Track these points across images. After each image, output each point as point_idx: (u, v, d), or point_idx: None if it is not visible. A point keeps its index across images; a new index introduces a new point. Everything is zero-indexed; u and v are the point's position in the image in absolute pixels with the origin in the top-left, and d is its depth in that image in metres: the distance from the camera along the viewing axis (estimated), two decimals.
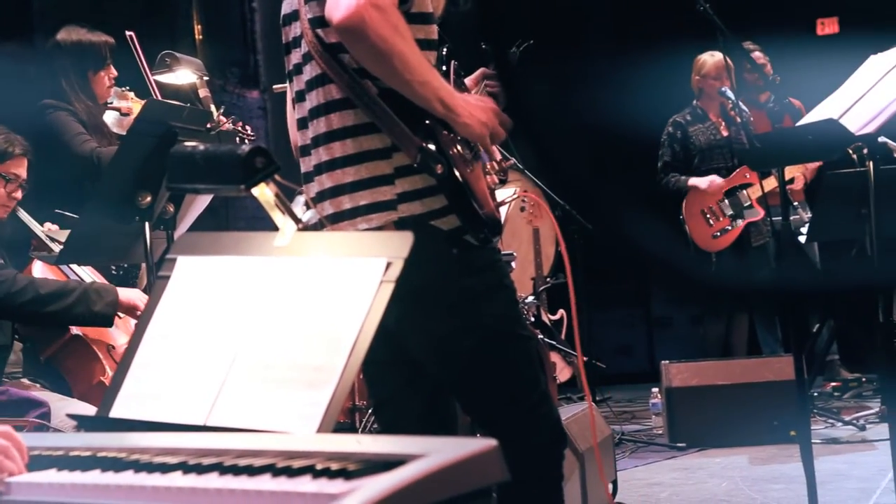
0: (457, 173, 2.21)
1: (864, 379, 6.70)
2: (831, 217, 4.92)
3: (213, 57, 6.93)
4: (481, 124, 2.28)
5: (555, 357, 6.87)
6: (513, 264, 5.89)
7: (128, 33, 4.22)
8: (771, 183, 5.74)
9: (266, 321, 1.58)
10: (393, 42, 2.10)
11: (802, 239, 6.11)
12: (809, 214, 6.06)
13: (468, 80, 2.51)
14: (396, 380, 2.43)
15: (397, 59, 2.12)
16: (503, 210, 5.38)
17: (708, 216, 6.37)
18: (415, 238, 2.17)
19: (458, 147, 2.27)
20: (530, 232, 7.14)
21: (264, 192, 1.64)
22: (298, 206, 1.69)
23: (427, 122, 2.20)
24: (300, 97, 2.35)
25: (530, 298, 5.99)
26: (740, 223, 6.33)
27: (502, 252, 5.83)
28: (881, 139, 4.84)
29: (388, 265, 1.56)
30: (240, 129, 3.97)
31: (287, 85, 2.45)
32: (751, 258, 6.33)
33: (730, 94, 6.13)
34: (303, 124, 2.35)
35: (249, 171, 1.59)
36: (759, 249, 6.36)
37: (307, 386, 1.50)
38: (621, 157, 7.51)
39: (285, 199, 1.67)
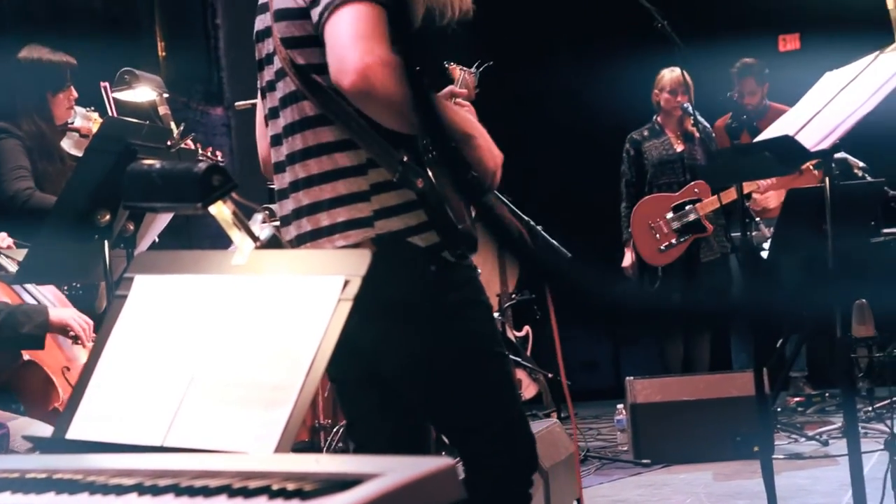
0: (436, 188, 2.22)
1: (827, 394, 6.76)
2: (793, 233, 4.97)
3: (176, 73, 6.92)
4: (494, 158, 2.31)
5: (520, 374, 6.88)
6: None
7: (102, 84, 4.20)
8: (728, 196, 5.81)
9: (223, 340, 1.58)
10: (403, 97, 2.12)
11: (764, 255, 6.17)
12: (771, 230, 6.13)
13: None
14: (369, 399, 2.43)
15: (412, 113, 2.15)
16: None
17: (654, 230, 6.44)
18: (392, 255, 2.20)
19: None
20: (495, 247, 7.16)
21: (221, 210, 1.64)
22: (256, 223, 1.69)
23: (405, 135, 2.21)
24: (273, 114, 2.36)
25: (495, 315, 5.99)
26: (687, 239, 6.41)
27: None
28: (840, 154, 4.94)
29: (346, 283, 1.56)
30: (201, 151, 3.96)
31: (256, 101, 2.46)
32: (700, 274, 6.40)
33: (689, 108, 6.21)
34: (276, 141, 2.35)
35: (206, 189, 1.59)
36: (709, 265, 6.43)
37: (265, 405, 1.50)
38: (585, 171, 7.54)
39: (243, 216, 1.67)
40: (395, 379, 2.34)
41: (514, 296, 7.27)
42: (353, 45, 2.09)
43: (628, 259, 6.58)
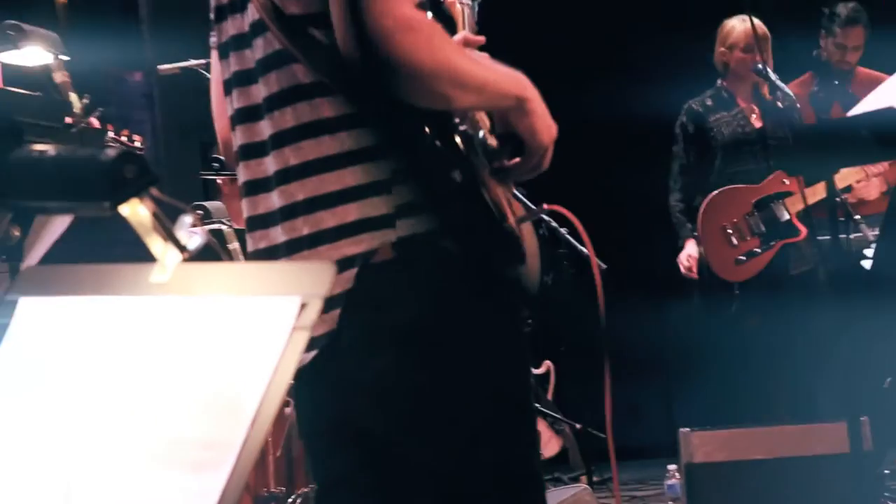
0: (477, 179, 2.25)
1: None
2: None
3: (81, 28, 6.94)
4: (550, 132, 2.35)
5: (540, 425, 6.91)
6: None
7: None
8: (819, 192, 5.80)
9: (137, 383, 1.59)
10: (435, 67, 2.14)
11: (867, 265, 6.17)
12: (876, 232, 6.14)
13: None
14: (350, 459, 2.42)
15: (447, 84, 2.16)
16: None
17: (731, 234, 6.41)
18: (417, 264, 2.21)
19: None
20: None
21: (137, 212, 1.65)
22: (183, 229, 1.70)
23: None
24: (243, 80, 2.36)
25: None
26: (774, 245, 6.38)
27: None
28: None
29: (303, 306, 1.57)
30: (112, 133, 3.97)
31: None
32: (788, 291, 6.37)
33: (768, 71, 6.20)
34: (248, 117, 2.35)
35: (116, 184, 1.60)
36: (800, 280, 6.40)
37: (193, 468, 1.52)
38: (627, 162, 7.56)
39: (166, 220, 1.68)
40: (388, 428, 2.34)
41: (530, 321, 7.30)
42: (367, 4, 2.08)
43: (692, 251, 6.52)
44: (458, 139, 2.25)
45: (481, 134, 2.36)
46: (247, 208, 2.39)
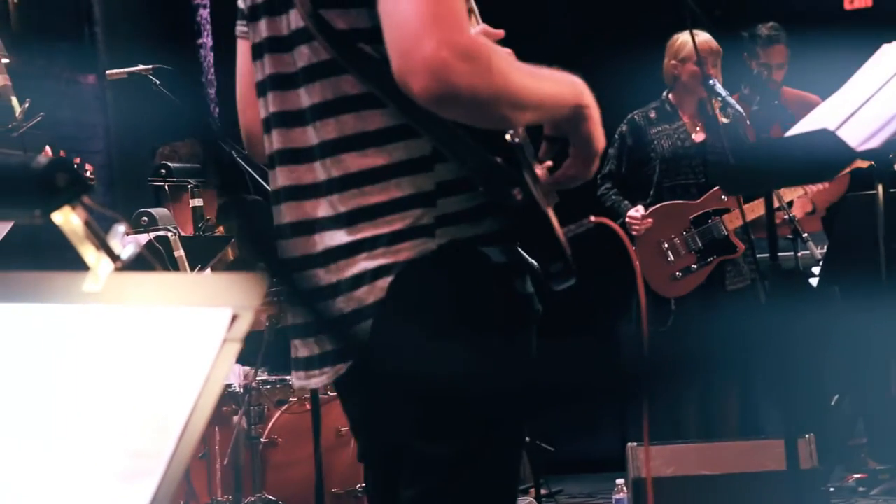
0: (537, 199, 2.23)
1: None
2: (851, 254, 5.00)
3: (30, 27, 6.90)
4: (602, 140, 2.35)
5: None
6: None
7: None
8: (758, 209, 5.84)
9: (66, 393, 1.58)
10: (494, 93, 2.10)
11: (814, 282, 6.21)
12: (823, 250, 6.19)
13: None
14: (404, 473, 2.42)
15: (506, 107, 2.14)
16: None
17: (667, 250, 6.44)
18: (454, 270, 2.21)
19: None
20: None
21: (69, 220, 1.65)
22: (117, 238, 1.70)
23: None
24: (281, 84, 2.35)
25: None
26: (711, 261, 6.41)
27: None
28: None
29: (234, 318, 1.57)
30: (49, 153, 3.94)
31: (238, 52, 2.45)
32: (724, 307, 6.41)
33: (719, 88, 6.24)
34: (288, 122, 2.34)
35: (48, 192, 1.60)
36: (737, 296, 6.44)
37: (122, 479, 1.52)
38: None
39: (98, 229, 1.68)
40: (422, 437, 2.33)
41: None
42: (423, 33, 2.04)
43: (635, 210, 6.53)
44: (513, 150, 2.23)
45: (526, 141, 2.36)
46: (287, 213, 2.37)
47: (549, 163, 2.39)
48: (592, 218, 2.73)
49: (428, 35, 2.03)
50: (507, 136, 2.22)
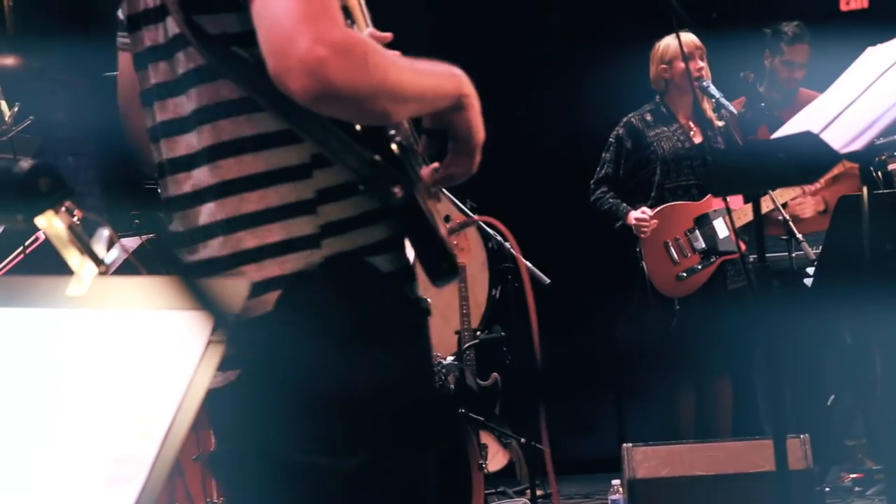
0: (417, 196, 2.21)
1: None
2: (843, 254, 5.00)
3: (25, 29, 6.90)
4: (482, 131, 2.32)
5: (486, 438, 6.91)
6: None
7: None
8: (768, 204, 5.85)
9: (51, 397, 1.59)
10: (372, 88, 2.08)
11: (809, 282, 6.22)
12: (818, 250, 6.19)
13: None
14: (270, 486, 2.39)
15: (386, 101, 2.12)
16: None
17: (673, 251, 6.46)
18: (341, 283, 2.17)
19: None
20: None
21: (53, 225, 1.65)
22: (100, 242, 1.71)
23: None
24: (164, 93, 2.32)
25: (449, 359, 6.02)
26: (714, 261, 6.42)
27: None
28: None
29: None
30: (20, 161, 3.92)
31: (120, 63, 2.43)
32: (726, 306, 6.42)
33: (713, 89, 6.25)
34: (170, 131, 2.32)
35: (30, 196, 1.60)
36: (737, 295, 6.45)
37: (106, 483, 1.52)
38: (569, 174, 7.59)
39: (82, 233, 1.68)
40: (307, 448, 2.31)
41: (478, 333, 7.30)
42: (296, 32, 2.02)
43: (640, 211, 6.55)
44: (395, 149, 2.21)
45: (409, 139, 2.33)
46: (177, 223, 2.34)
47: (436, 164, 2.36)
48: (477, 217, 2.73)
49: (301, 33, 2.01)
50: (393, 141, 2.21)
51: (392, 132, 2.23)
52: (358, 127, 2.18)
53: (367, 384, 2.22)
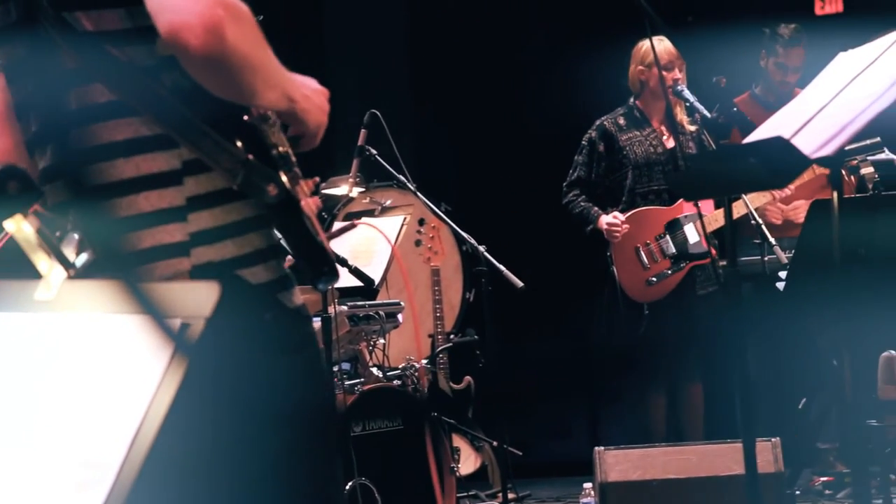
0: (292, 195, 2.18)
1: None
2: (816, 258, 5.02)
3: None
4: (321, 111, 2.31)
5: (459, 441, 6.92)
6: (399, 317, 5.94)
7: None
8: (739, 209, 5.86)
9: (19, 401, 1.59)
10: (255, 62, 2.08)
11: (781, 286, 6.24)
12: (790, 254, 6.21)
13: None
14: None
15: (260, 81, 2.11)
16: (384, 246, 5.42)
17: (644, 255, 6.47)
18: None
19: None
20: (428, 273, 7.19)
21: (21, 228, 1.65)
22: (70, 246, 1.71)
23: (245, 118, 2.16)
24: (37, 101, 2.27)
25: (423, 362, 6.02)
26: (684, 266, 6.44)
27: (386, 301, 5.91)
28: (884, 155, 5.04)
29: (185, 327, 1.57)
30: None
31: None
32: (695, 311, 6.45)
33: (687, 93, 6.27)
34: (42, 139, 2.27)
35: None
36: (707, 300, 6.48)
37: (75, 487, 1.52)
38: (542, 177, 7.60)
39: (51, 237, 1.68)
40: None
41: (452, 337, 7.31)
42: None
43: (612, 216, 6.57)
44: (273, 152, 2.19)
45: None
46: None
47: (317, 178, 2.35)
48: (356, 221, 2.71)
49: None
50: (268, 145, 2.19)
51: (268, 139, 2.20)
52: (237, 133, 2.14)
53: (249, 401, 2.18)
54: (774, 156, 2.53)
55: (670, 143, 6.59)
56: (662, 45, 6.41)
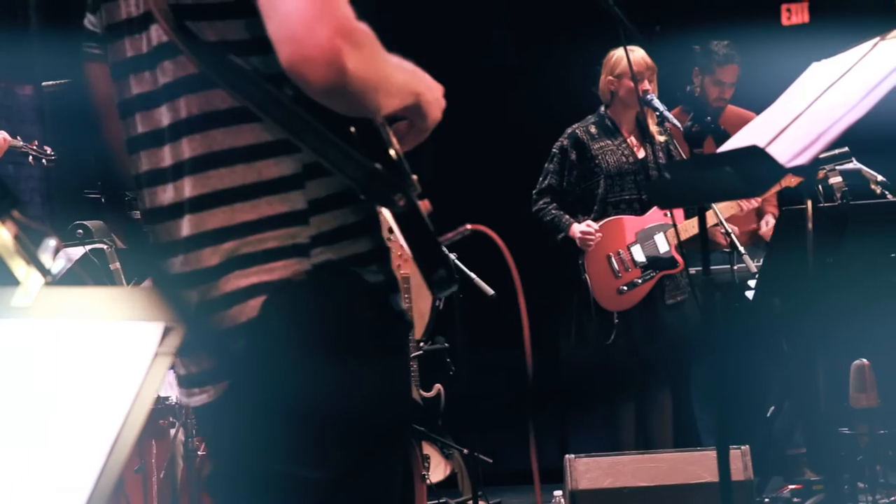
0: (417, 205, 2.18)
1: None
2: (786, 267, 5.05)
3: None
4: (439, 106, 2.34)
5: (430, 449, 6.91)
6: None
7: None
8: (711, 219, 5.89)
9: None
10: (376, 82, 2.09)
11: (750, 295, 6.28)
12: (759, 263, 6.25)
13: None
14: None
15: (382, 95, 2.12)
16: None
17: (615, 264, 6.50)
18: (326, 288, 2.14)
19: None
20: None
21: None
22: (46, 253, 1.70)
23: (352, 129, 2.16)
24: (146, 103, 2.28)
25: None
26: (654, 276, 6.47)
27: None
28: (852, 165, 5.08)
29: (167, 331, 1.57)
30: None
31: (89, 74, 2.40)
32: (663, 320, 6.48)
33: (657, 103, 6.29)
34: (150, 143, 2.28)
35: None
36: (675, 309, 6.51)
37: (53, 492, 1.51)
38: (514, 185, 7.61)
39: (29, 243, 1.67)
40: (290, 458, 2.25)
41: (422, 344, 7.30)
42: (316, 21, 2.00)
43: (585, 225, 6.57)
44: (393, 155, 2.20)
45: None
46: (157, 235, 2.31)
47: (414, 176, 2.36)
48: (469, 226, 2.72)
49: (321, 22, 1.99)
50: (390, 148, 2.20)
51: (387, 139, 2.22)
52: (353, 129, 2.15)
53: (343, 398, 2.20)
54: (749, 165, 2.54)
55: (641, 153, 6.62)
56: (633, 54, 6.43)
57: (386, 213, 2.21)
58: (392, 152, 2.21)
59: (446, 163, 8.32)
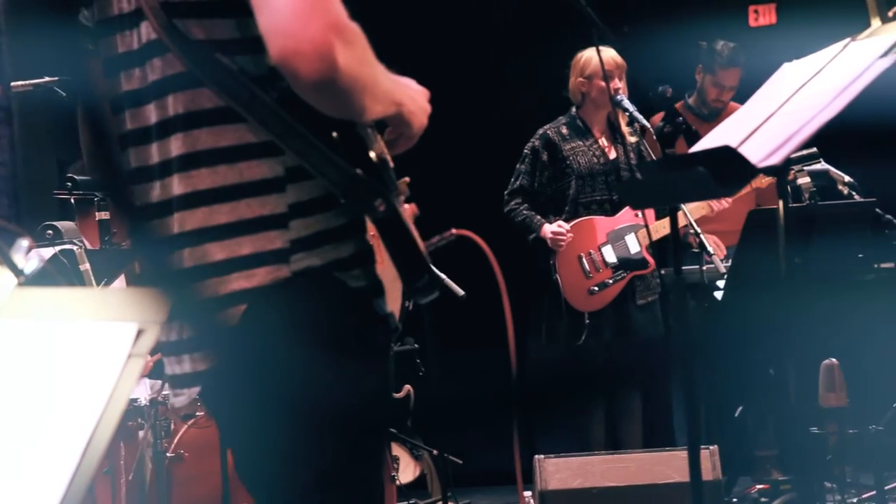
0: (398, 210, 2.17)
1: None
2: (755, 268, 5.07)
3: None
4: (424, 112, 2.34)
5: (399, 450, 6.91)
6: None
7: None
8: (681, 219, 5.90)
9: None
10: (364, 82, 2.08)
11: (719, 295, 6.30)
12: (728, 263, 6.27)
13: None
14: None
15: (369, 98, 2.11)
16: None
17: (586, 264, 6.51)
18: (309, 299, 2.13)
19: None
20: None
21: None
22: (20, 253, 1.69)
23: (335, 134, 2.14)
24: (135, 100, 2.28)
25: None
26: (625, 276, 6.49)
27: None
28: (820, 166, 5.10)
29: (140, 333, 1.56)
30: None
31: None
32: (633, 320, 6.49)
33: (626, 103, 6.31)
34: (142, 139, 2.28)
35: None
36: (646, 309, 6.53)
37: (25, 495, 1.51)
38: (485, 185, 7.62)
39: (1, 244, 1.67)
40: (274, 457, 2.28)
41: (392, 346, 7.29)
42: (308, 15, 1.98)
43: (556, 225, 6.58)
44: (374, 160, 2.18)
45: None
46: (147, 233, 2.30)
47: (407, 179, 2.36)
48: (454, 231, 2.72)
49: (314, 17, 1.98)
50: (371, 153, 2.19)
51: (369, 144, 2.21)
52: (335, 134, 2.14)
53: (326, 402, 2.20)
54: (721, 164, 2.55)
55: (612, 154, 6.64)
56: (604, 54, 6.44)
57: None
58: (373, 156, 2.19)
59: (417, 163, 8.32)
